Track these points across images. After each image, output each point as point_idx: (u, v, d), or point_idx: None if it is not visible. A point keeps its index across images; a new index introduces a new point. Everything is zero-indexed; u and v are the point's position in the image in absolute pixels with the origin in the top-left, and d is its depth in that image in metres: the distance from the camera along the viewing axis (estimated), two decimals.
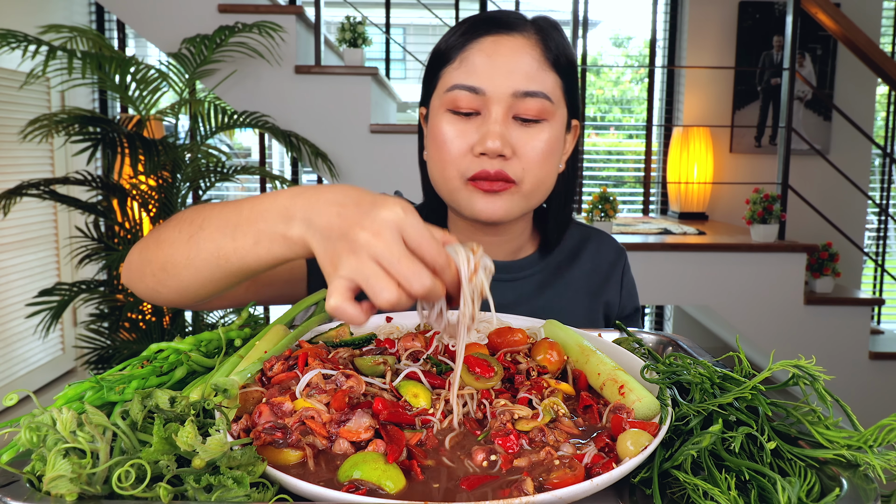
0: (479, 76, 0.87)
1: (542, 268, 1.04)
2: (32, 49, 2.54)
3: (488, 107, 0.87)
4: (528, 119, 0.88)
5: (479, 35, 0.89)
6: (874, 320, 4.22)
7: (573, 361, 0.71)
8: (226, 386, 0.57)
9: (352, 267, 0.55)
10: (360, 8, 3.87)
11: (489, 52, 0.87)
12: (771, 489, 0.49)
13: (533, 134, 0.88)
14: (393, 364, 0.67)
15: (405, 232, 0.55)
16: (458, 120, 0.89)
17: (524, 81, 0.87)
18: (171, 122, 3.09)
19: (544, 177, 0.91)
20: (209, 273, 0.69)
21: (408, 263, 0.54)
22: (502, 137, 0.86)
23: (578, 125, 0.99)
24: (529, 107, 0.87)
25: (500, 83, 0.86)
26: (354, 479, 0.50)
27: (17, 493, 0.47)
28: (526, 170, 0.88)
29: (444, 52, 0.92)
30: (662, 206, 4.61)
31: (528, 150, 0.88)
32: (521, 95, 0.86)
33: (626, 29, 6.05)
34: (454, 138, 0.88)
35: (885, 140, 4.70)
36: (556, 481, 0.51)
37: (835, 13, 3.31)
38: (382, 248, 0.54)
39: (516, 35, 0.88)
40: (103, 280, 2.89)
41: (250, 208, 0.65)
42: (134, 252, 0.79)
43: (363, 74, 3.13)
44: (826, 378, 0.58)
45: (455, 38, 0.91)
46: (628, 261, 1.12)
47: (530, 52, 0.88)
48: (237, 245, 0.64)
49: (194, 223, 0.69)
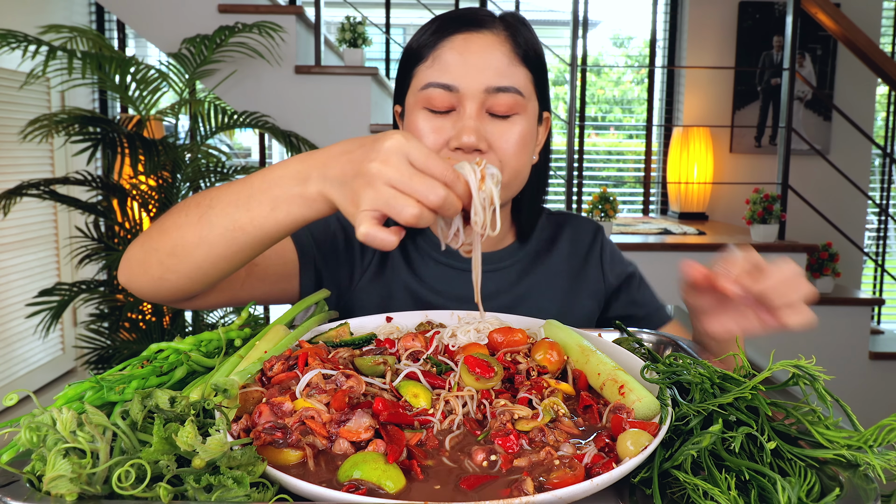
0: (452, 73, 0.89)
1: (522, 256, 1.07)
2: (32, 49, 2.54)
3: (462, 103, 0.89)
4: (501, 114, 0.90)
5: (449, 33, 0.91)
6: (874, 320, 4.22)
7: (573, 361, 0.71)
8: (226, 386, 0.57)
9: (371, 197, 0.59)
10: (360, 8, 3.87)
11: (460, 50, 0.89)
12: (771, 489, 0.49)
13: (506, 127, 0.90)
14: (393, 364, 0.67)
15: (410, 155, 0.60)
16: (434, 117, 0.91)
17: (496, 77, 0.89)
18: (171, 122, 3.09)
19: (520, 168, 0.93)
20: (224, 247, 0.71)
21: (420, 179, 0.59)
22: (477, 132, 0.88)
23: (549, 117, 1.02)
24: (502, 101, 0.89)
25: (473, 79, 0.88)
26: (354, 478, 0.50)
27: (17, 493, 0.47)
28: (503, 162, 0.91)
29: (416, 51, 0.94)
30: (662, 207, 4.61)
31: (503, 143, 0.90)
32: (493, 91, 0.89)
33: (627, 29, 6.05)
34: (430, 134, 0.90)
35: (885, 140, 4.70)
36: (556, 481, 0.51)
37: (835, 13, 3.31)
38: (393, 172, 0.59)
39: (486, 32, 0.91)
40: (103, 280, 2.89)
41: (261, 179, 0.68)
42: (134, 247, 0.80)
43: (363, 74, 3.13)
44: (826, 378, 0.58)
45: (426, 36, 0.93)
46: (605, 235, 1.15)
47: (500, 48, 0.90)
48: (253, 215, 0.68)
49: (201, 204, 0.72)
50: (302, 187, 0.65)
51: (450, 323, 0.86)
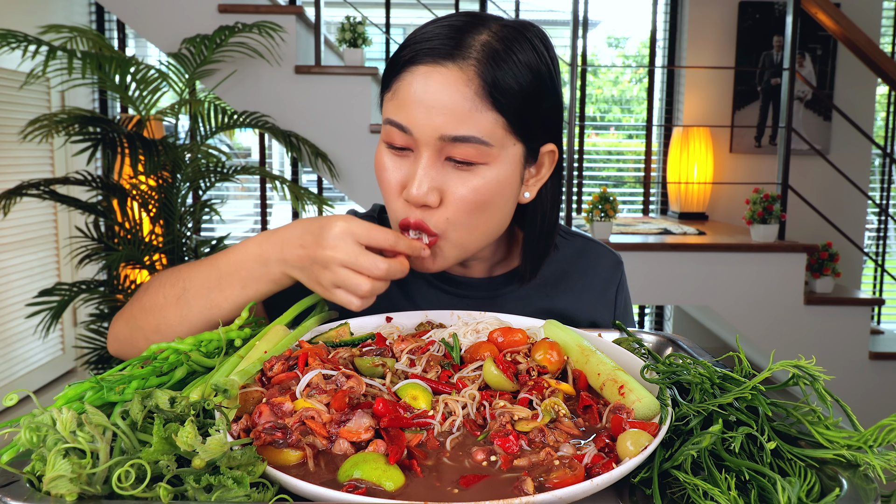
0: (406, 114, 0.77)
1: (523, 285, 0.96)
2: (32, 49, 2.54)
3: (418, 148, 0.78)
4: (463, 161, 0.78)
5: (414, 62, 0.78)
6: (874, 320, 4.22)
7: (573, 361, 0.71)
8: (226, 386, 0.57)
9: (329, 279, 0.72)
10: (360, 8, 3.87)
11: (418, 87, 0.76)
12: (771, 489, 0.49)
13: (466, 178, 0.78)
14: (392, 365, 0.67)
15: (355, 235, 0.71)
16: (394, 154, 0.82)
17: (453, 124, 0.75)
18: (171, 122, 3.09)
19: (476, 223, 0.81)
20: (203, 322, 0.80)
21: (364, 258, 0.71)
22: (428, 184, 0.78)
23: (556, 150, 0.86)
24: (461, 152, 0.77)
25: (427, 124, 0.76)
26: (354, 478, 0.50)
27: (17, 493, 0.47)
28: (451, 221, 0.80)
29: (387, 73, 0.83)
30: (662, 206, 4.61)
31: (456, 200, 0.79)
32: (449, 140, 0.76)
33: (626, 29, 6.05)
34: (390, 173, 0.82)
35: (885, 140, 4.70)
36: (556, 481, 0.51)
37: (835, 13, 3.31)
38: (343, 255, 0.70)
39: (451, 66, 0.76)
40: (103, 280, 2.90)
41: (226, 262, 0.78)
42: (118, 323, 0.88)
43: (363, 74, 3.13)
44: (826, 378, 0.58)
45: (396, 57, 0.81)
46: (625, 276, 1.04)
47: (463, 89, 0.75)
48: (226, 294, 0.78)
49: (176, 286, 0.81)
50: (265, 269, 0.76)
51: (449, 323, 0.86)
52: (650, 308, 4.77)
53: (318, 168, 3.06)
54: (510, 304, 0.95)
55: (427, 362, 0.67)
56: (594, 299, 1.00)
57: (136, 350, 0.85)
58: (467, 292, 0.95)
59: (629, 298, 1.06)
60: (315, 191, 4.32)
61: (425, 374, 0.66)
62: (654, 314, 4.82)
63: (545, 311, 0.96)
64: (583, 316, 0.98)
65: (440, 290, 0.96)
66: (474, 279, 0.96)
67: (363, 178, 3.17)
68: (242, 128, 3.04)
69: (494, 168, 0.79)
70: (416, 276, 0.94)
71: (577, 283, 0.99)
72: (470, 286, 0.96)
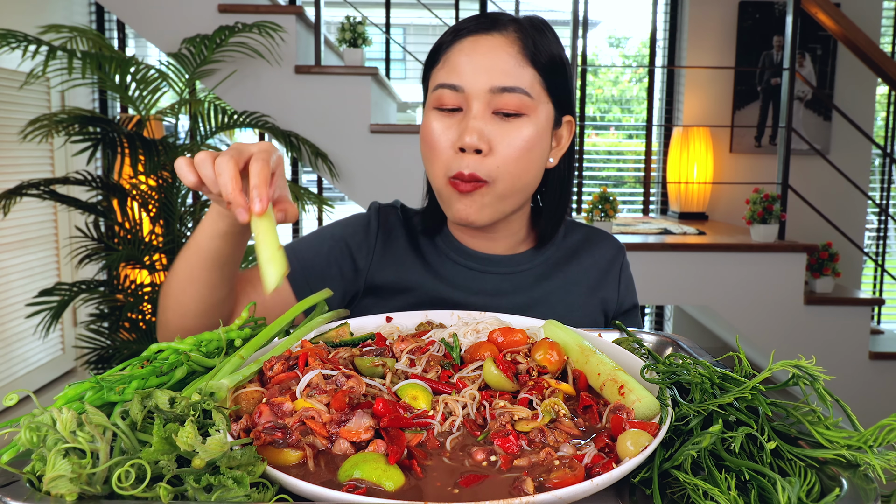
0: (459, 74, 0.92)
1: (539, 262, 1.07)
2: (32, 49, 2.54)
3: (469, 103, 0.92)
4: (508, 113, 0.91)
5: (461, 36, 0.94)
6: (874, 320, 4.22)
7: (573, 361, 0.71)
8: (213, 390, 0.58)
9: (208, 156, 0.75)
10: (360, 8, 3.87)
11: (468, 52, 0.92)
12: (771, 489, 0.49)
13: (511, 129, 0.92)
14: (392, 365, 0.67)
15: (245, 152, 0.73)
16: (443, 116, 0.94)
17: (501, 77, 0.90)
18: (171, 122, 3.09)
19: (520, 172, 0.94)
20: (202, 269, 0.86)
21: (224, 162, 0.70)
22: (480, 132, 0.90)
23: (573, 121, 1.02)
24: (508, 102, 0.91)
25: (478, 79, 0.91)
26: (354, 478, 0.50)
27: (17, 493, 0.47)
28: (500, 167, 0.92)
29: (432, 55, 0.98)
30: (662, 206, 4.61)
31: (505, 146, 0.91)
32: (498, 91, 0.90)
33: (626, 29, 6.05)
34: (440, 134, 0.93)
35: (884, 140, 4.70)
36: (556, 481, 0.51)
37: (835, 13, 3.31)
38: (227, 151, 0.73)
39: (495, 34, 0.93)
40: (103, 280, 2.89)
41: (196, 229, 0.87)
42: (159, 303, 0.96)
43: (363, 74, 3.13)
44: (826, 378, 0.58)
45: (441, 40, 0.97)
46: (627, 259, 1.15)
47: (507, 49, 0.91)
48: (198, 239, 0.85)
49: (177, 260, 0.90)
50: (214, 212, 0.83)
51: (449, 323, 0.86)
52: (650, 308, 4.77)
53: (318, 168, 3.06)
54: (529, 279, 1.06)
55: (427, 362, 0.67)
56: (602, 274, 1.11)
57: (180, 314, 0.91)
58: (489, 268, 1.05)
59: (632, 279, 1.16)
60: (315, 191, 4.32)
61: (425, 374, 0.66)
62: (654, 314, 4.82)
63: (560, 282, 1.07)
64: (594, 286, 1.09)
65: (465, 266, 1.05)
66: (497, 256, 1.06)
67: (363, 178, 3.17)
68: (242, 128, 3.04)
69: (533, 120, 0.93)
70: (440, 254, 1.06)
71: (586, 261, 1.10)
72: (492, 262, 1.05)
